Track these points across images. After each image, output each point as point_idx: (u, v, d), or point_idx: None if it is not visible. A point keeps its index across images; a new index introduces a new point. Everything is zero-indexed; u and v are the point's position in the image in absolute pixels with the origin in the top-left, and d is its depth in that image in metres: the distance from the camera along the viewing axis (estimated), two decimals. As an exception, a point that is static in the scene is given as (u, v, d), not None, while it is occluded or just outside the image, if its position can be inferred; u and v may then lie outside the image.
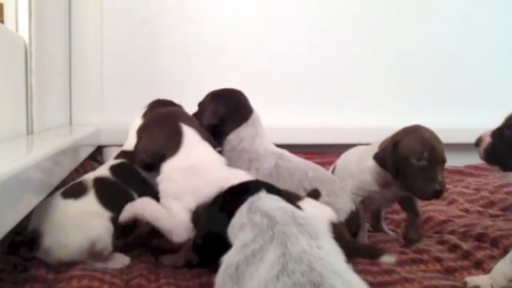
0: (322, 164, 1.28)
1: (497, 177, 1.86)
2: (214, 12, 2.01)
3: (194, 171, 0.89)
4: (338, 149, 2.10)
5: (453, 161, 2.21)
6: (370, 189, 1.15)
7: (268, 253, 0.56)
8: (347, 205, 1.09)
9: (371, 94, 2.19)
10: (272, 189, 0.72)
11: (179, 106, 1.19)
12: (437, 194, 1.04)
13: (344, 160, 1.28)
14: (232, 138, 1.14)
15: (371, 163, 1.12)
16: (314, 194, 1.07)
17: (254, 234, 0.60)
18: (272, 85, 2.05)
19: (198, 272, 0.94)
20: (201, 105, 1.22)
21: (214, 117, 1.14)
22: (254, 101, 1.24)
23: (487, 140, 0.93)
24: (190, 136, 0.94)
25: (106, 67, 1.88)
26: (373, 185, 1.14)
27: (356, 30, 2.15)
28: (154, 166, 0.94)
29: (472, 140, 0.97)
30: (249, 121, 1.15)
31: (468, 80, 2.30)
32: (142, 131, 0.98)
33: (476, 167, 2.06)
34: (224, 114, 1.14)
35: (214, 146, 1.01)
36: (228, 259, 0.60)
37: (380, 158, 1.10)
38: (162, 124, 0.95)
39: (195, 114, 1.20)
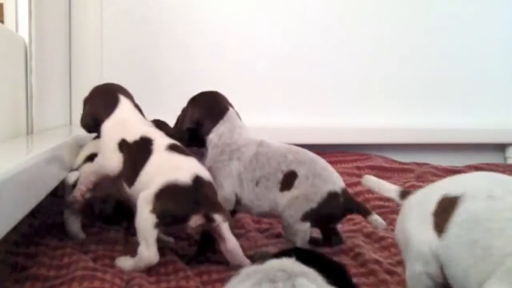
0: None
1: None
2: (214, 12, 2.01)
3: (121, 126, 1.07)
4: (338, 149, 2.11)
5: (453, 161, 2.22)
6: None
7: None
8: (325, 187, 1.04)
9: (371, 94, 2.19)
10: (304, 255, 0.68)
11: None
12: None
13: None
14: (212, 137, 1.16)
15: None
16: (290, 176, 1.06)
17: None
18: (272, 85, 2.04)
19: (198, 271, 0.95)
20: (182, 111, 1.24)
21: (191, 122, 1.17)
22: (254, 101, 1.23)
23: None
24: (125, 103, 1.12)
25: (106, 67, 1.88)
26: None
27: (356, 30, 2.15)
28: (95, 128, 1.12)
29: (472, 140, 0.97)
30: (225, 118, 1.16)
31: (469, 80, 2.29)
32: (87, 101, 1.15)
33: (476, 167, 2.05)
34: (199, 117, 1.17)
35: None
36: None
37: None
38: (103, 94, 1.14)
39: (177, 120, 1.23)
